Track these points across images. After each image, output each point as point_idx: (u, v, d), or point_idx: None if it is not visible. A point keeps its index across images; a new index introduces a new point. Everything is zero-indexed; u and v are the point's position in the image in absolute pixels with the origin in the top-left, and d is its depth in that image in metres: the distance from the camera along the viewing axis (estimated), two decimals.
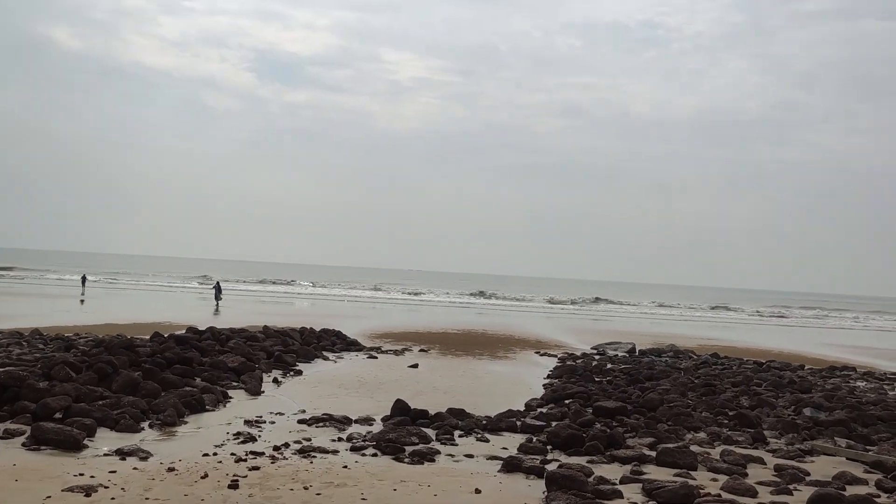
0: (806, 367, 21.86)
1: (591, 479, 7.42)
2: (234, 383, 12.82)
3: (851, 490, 7.61)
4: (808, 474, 8.17)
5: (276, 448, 8.36)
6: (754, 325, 53.73)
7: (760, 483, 7.61)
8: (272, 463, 7.76)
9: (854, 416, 12.05)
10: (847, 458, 9.29)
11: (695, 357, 23.02)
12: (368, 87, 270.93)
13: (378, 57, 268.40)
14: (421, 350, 21.08)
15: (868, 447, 10.26)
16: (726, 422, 11.36)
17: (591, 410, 11.43)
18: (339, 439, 9.13)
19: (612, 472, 7.96)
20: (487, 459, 8.46)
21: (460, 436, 9.76)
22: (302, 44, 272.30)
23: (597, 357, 21.89)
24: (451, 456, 8.57)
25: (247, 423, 9.88)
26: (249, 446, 8.46)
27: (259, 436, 9.09)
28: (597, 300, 69.89)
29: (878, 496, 7.42)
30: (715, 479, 7.70)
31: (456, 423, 10.32)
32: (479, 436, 9.81)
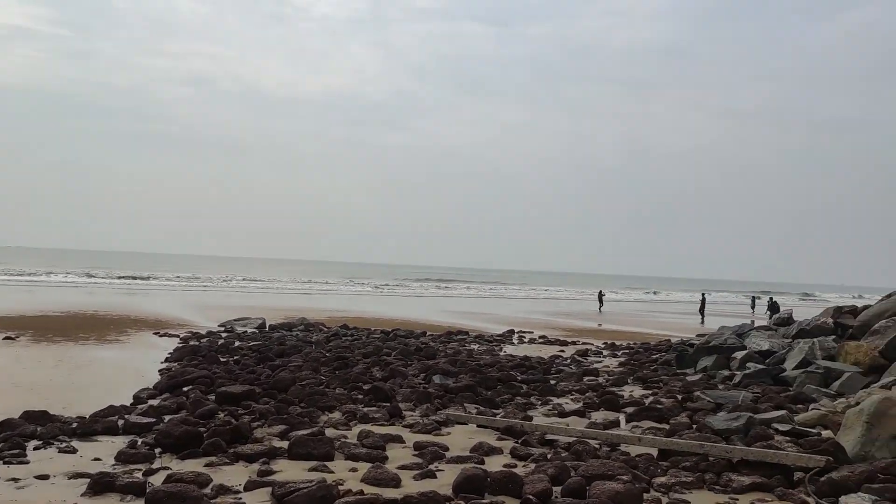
0: (427, 334, 22.78)
1: (207, 491, 5.94)
2: None
3: (490, 462, 7.29)
4: (448, 449, 7.70)
5: None
6: (379, 296, 56.21)
7: (403, 467, 6.86)
8: None
9: (478, 380, 12.29)
10: (478, 426, 9.14)
11: (325, 329, 22.58)
12: None
13: None
14: (6, 338, 17.19)
15: (494, 410, 10.37)
16: (361, 397, 10.68)
17: (213, 397, 9.87)
18: None
19: (235, 475, 6.55)
20: (69, 479, 6.39)
21: (36, 448, 7.46)
22: None
23: (224, 335, 20.14)
24: (15, 481, 6.32)
25: None
26: None
27: None
28: (229, 279, 67.00)
29: (515, 465, 7.17)
30: (355, 469, 6.75)
31: (34, 430, 7.96)
32: (65, 445, 7.60)
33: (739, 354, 14.81)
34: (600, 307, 44.91)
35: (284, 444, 7.43)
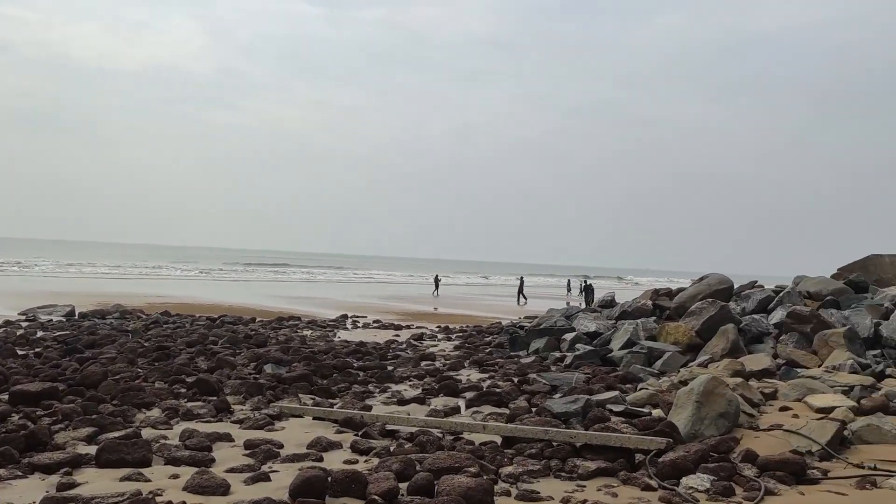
0: (257, 320, 21.73)
1: None
2: None
3: (330, 458, 6.78)
4: (282, 446, 7.10)
5: None
6: (205, 280, 53.48)
7: (232, 470, 6.20)
8: None
9: (313, 369, 11.71)
10: (315, 418, 8.59)
11: (144, 317, 20.90)
12: None
13: None
14: None
15: (331, 401, 9.86)
16: (184, 391, 9.76)
17: (7, 397, 8.59)
18: None
19: (30, 490, 5.59)
20: None
21: None
22: None
23: (24, 324, 18.02)
24: None
25: None
26: None
27: None
28: (29, 264, 60.80)
29: (357, 461, 6.72)
30: (176, 476, 6.00)
31: None
32: None
33: (569, 336, 15.24)
34: (436, 291, 45.21)
35: (92, 450, 6.50)
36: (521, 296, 41.65)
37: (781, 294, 14.40)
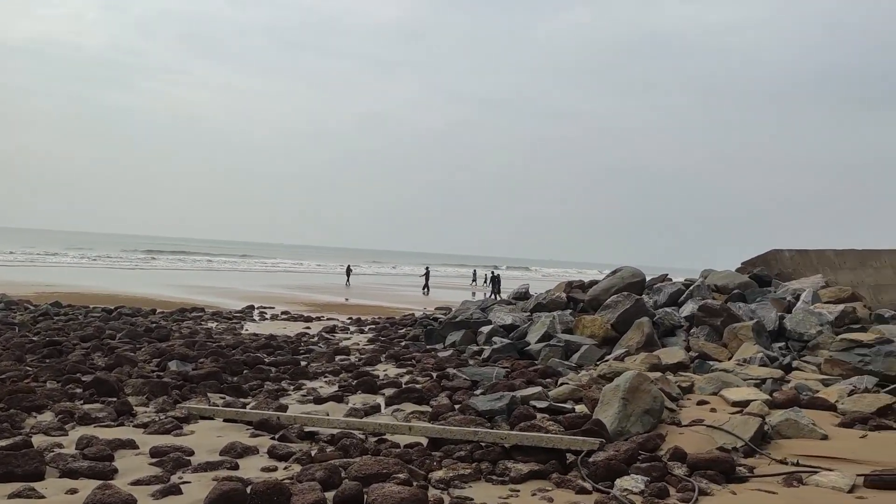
0: (157, 312, 20.66)
1: None
2: None
3: (246, 465, 6.32)
4: (193, 453, 6.58)
5: None
6: (98, 269, 50.90)
7: (138, 483, 5.66)
8: None
9: (222, 365, 11.11)
10: (226, 420, 8.07)
11: (32, 308, 19.47)
12: None
13: None
14: None
15: (243, 400, 9.33)
16: (80, 391, 9.00)
17: None
18: None
19: None
20: None
21: None
22: None
23: None
24: None
25: None
26: None
27: None
28: None
29: (276, 468, 6.29)
30: (74, 491, 5.42)
31: None
32: None
33: (486, 329, 15.12)
34: (348, 281, 44.31)
35: None
36: (427, 286, 41.50)
37: (692, 287, 14.74)
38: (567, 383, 10.17)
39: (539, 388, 9.51)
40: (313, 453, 6.63)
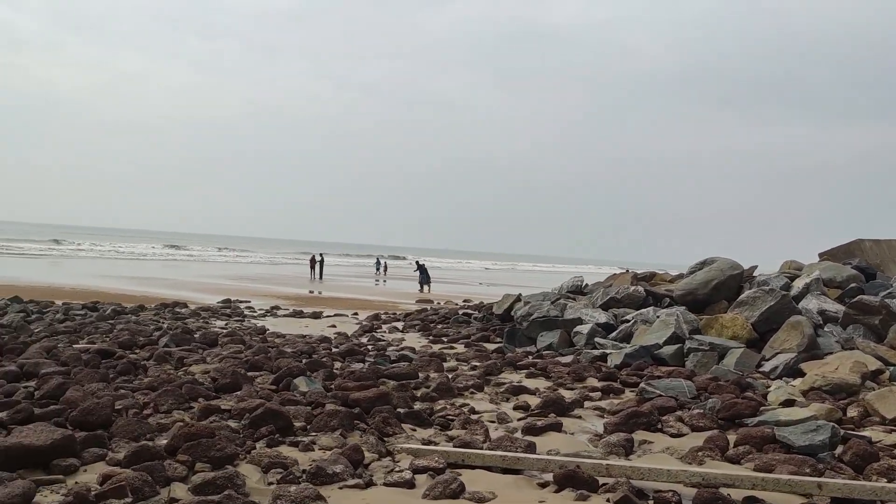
0: (150, 307, 17.67)
1: None
2: None
3: None
4: None
5: None
6: (13, 259, 45.76)
7: None
8: None
9: (370, 383, 8.74)
10: (487, 469, 5.86)
11: None
12: None
13: None
14: None
15: (426, 432, 7.08)
16: (245, 428, 6.46)
17: None
18: None
19: None
20: None
21: None
22: None
23: None
24: None
25: None
26: None
27: None
28: None
29: None
30: None
31: None
32: None
33: (584, 329, 13.26)
34: (317, 273, 39.85)
35: None
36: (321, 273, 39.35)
37: (809, 281, 13.37)
38: (795, 400, 8.48)
39: (776, 408, 7.77)
40: None
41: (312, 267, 39.84)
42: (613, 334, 13.18)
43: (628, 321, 13.45)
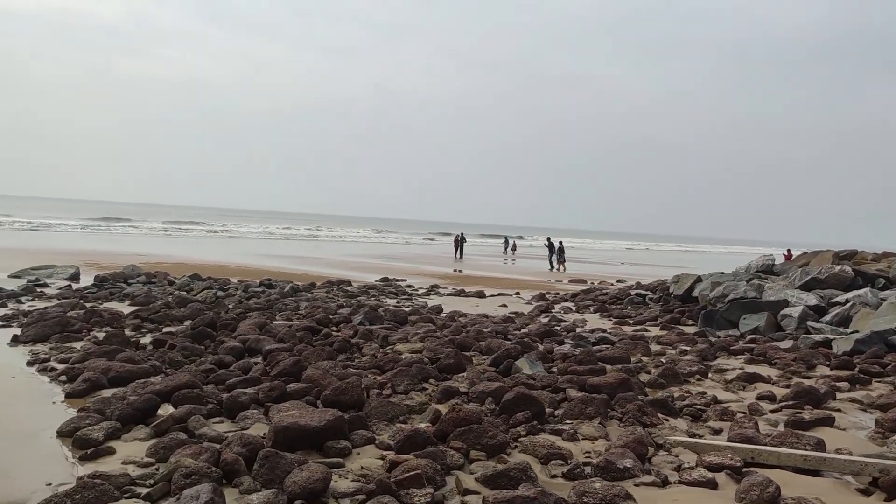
0: (319, 285, 17.85)
1: None
2: None
3: None
4: None
5: None
6: (169, 238, 48.54)
7: None
8: None
9: (614, 370, 8.15)
10: (792, 469, 5.11)
11: (176, 280, 16.71)
12: None
13: None
14: None
15: (673, 421, 6.36)
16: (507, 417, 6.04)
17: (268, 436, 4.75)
18: None
19: None
20: None
21: None
22: None
23: (46, 292, 13.63)
24: None
25: None
26: None
27: None
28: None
29: None
30: None
31: None
32: None
33: (794, 312, 12.08)
34: (459, 253, 39.11)
35: None
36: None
37: None
38: None
39: None
40: None
41: (456, 247, 39.75)
42: (827, 317, 11.94)
43: (841, 303, 12.17)
